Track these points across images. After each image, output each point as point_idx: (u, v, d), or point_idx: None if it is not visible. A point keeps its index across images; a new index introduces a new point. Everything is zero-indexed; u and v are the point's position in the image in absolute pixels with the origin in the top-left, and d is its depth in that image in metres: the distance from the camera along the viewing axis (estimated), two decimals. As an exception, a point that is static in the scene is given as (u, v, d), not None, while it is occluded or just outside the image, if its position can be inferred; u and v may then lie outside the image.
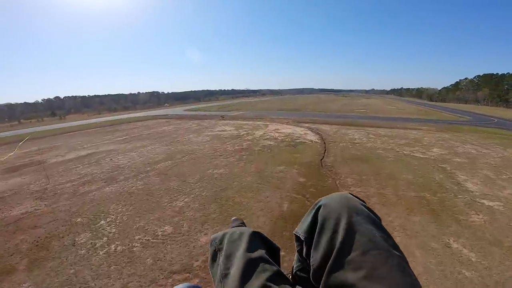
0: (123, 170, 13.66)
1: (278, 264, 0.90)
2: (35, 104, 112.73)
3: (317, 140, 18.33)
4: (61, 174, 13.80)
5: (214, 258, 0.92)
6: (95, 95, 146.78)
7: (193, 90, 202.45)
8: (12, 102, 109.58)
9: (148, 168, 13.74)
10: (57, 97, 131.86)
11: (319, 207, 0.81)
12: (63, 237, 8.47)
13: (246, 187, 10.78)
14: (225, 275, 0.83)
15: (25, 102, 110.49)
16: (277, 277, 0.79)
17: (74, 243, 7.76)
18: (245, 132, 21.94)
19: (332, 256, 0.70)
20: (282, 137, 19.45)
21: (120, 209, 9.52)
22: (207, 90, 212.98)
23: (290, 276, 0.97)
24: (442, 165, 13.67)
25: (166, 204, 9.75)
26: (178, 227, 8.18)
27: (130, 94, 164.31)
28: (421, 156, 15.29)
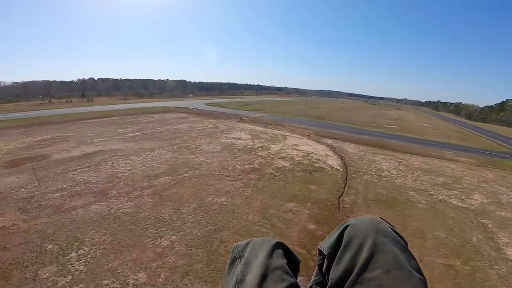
0: (119, 183, 12.56)
1: (297, 276, 0.94)
2: (70, 83, 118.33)
3: (338, 167, 16.19)
4: (56, 178, 12.98)
5: (232, 265, 0.94)
6: (126, 79, 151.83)
7: (219, 82, 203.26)
8: (51, 80, 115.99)
9: (145, 184, 12.52)
10: (91, 78, 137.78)
11: (347, 226, 0.84)
12: (27, 266, 7.40)
13: (244, 229, 9.15)
14: (241, 281, 0.83)
15: (61, 81, 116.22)
16: None
17: (36, 277, 6.70)
18: (261, 145, 20.24)
19: (354, 272, 0.73)
20: (300, 158, 17.51)
21: (97, 240, 8.33)
22: (233, 83, 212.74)
23: None
24: (483, 220, 11.21)
25: (149, 240, 8.40)
26: (153, 276, 6.79)
27: (159, 80, 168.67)
28: (459, 204, 12.79)
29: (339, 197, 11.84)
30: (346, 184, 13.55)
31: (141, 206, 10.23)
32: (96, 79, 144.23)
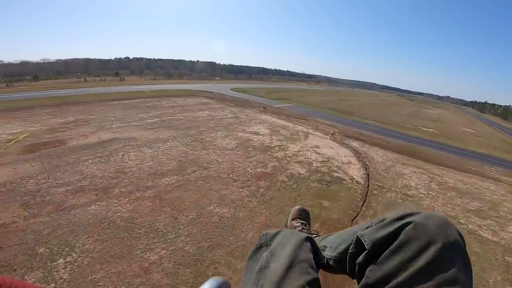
0: (124, 179, 12.22)
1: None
2: (108, 61, 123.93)
3: (360, 180, 14.53)
4: (66, 169, 12.96)
5: (257, 251, 0.96)
6: (159, 58, 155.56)
7: (248, 65, 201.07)
8: (91, 58, 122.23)
9: (149, 183, 12.06)
10: (127, 57, 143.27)
11: (408, 223, 0.74)
12: (15, 270, 7.17)
13: (240, 249, 8.23)
14: (264, 268, 0.87)
15: (100, 59, 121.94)
16: (316, 284, 0.82)
17: (21, 283, 6.48)
18: (279, 143, 19.03)
19: (400, 279, 0.66)
20: (319, 164, 16.08)
21: (87, 246, 7.97)
22: (262, 67, 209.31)
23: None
24: (509, 258, 9.28)
25: (138, 252, 7.88)
26: (133, 295, 6.28)
27: (190, 61, 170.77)
28: (489, 237, 10.69)
29: (353, 219, 10.46)
30: (364, 202, 12.00)
31: (139, 211, 9.78)
32: (131, 58, 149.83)
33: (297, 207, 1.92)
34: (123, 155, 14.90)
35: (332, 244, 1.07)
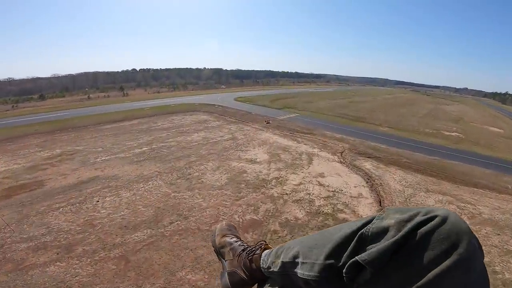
0: (90, 234, 10.49)
1: None
2: (115, 74, 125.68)
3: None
4: (33, 220, 11.47)
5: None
6: (165, 68, 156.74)
7: (254, 69, 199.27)
8: (99, 71, 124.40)
9: (118, 240, 10.22)
10: (134, 69, 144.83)
11: (434, 217, 0.62)
12: None
13: None
14: None
15: (107, 72, 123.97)
16: None
17: None
18: (277, 174, 16.72)
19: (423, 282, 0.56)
20: (322, 201, 13.66)
21: None
22: (269, 71, 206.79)
23: None
24: None
25: None
26: None
27: (196, 69, 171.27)
28: None
29: None
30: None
31: (100, 275, 8.09)
32: (138, 69, 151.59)
33: (224, 222, 1.56)
34: (98, 201, 13.17)
35: (306, 257, 0.83)
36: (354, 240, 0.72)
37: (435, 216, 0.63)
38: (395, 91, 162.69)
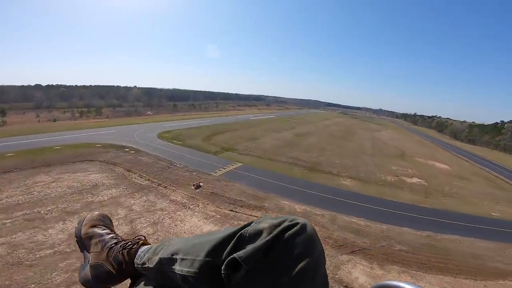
0: None
1: None
2: (9, 90, 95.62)
3: None
4: None
5: None
6: (82, 85, 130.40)
7: (192, 89, 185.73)
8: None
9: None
10: (37, 85, 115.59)
11: (296, 224, 0.74)
12: None
13: None
14: None
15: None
16: None
17: None
18: None
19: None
20: None
21: None
22: (208, 91, 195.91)
23: None
24: None
25: None
26: None
27: (125, 87, 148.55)
28: None
29: None
30: None
31: None
32: (43, 85, 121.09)
33: (96, 212, 1.38)
34: None
35: (186, 254, 0.86)
36: (234, 239, 0.77)
37: (297, 223, 0.73)
38: (328, 114, 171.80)
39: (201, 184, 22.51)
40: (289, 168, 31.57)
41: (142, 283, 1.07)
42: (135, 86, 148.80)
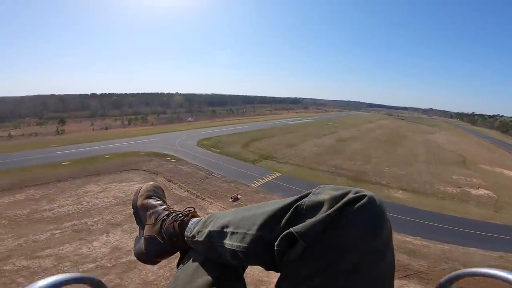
0: None
1: None
2: (69, 99, 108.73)
3: None
4: None
5: None
6: (130, 93, 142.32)
7: (230, 94, 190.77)
8: (47, 94, 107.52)
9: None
10: (93, 94, 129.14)
11: (363, 196, 0.62)
12: None
13: None
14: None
15: (60, 96, 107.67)
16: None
17: None
18: None
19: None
20: None
21: None
22: (245, 96, 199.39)
23: None
24: None
25: None
26: None
27: (168, 94, 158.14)
28: None
29: None
30: None
31: None
32: (98, 94, 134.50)
33: (150, 183, 1.37)
34: None
35: (237, 227, 0.80)
36: (289, 212, 0.69)
37: (364, 196, 0.62)
38: (371, 116, 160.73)
39: (238, 196, 21.78)
40: (331, 178, 29.35)
41: (191, 258, 1.00)
42: (177, 93, 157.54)
